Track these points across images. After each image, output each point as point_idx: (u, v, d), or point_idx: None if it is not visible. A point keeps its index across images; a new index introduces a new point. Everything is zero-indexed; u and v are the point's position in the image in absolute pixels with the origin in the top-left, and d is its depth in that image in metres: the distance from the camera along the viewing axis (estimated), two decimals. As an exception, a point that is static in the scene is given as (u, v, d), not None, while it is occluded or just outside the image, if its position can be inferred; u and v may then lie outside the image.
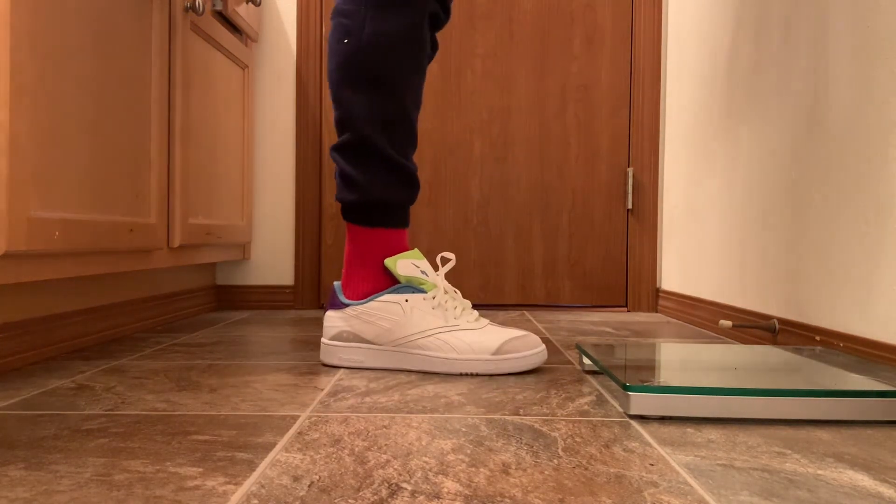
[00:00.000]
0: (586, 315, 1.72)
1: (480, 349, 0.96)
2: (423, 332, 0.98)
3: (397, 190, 1.02)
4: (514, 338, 0.97)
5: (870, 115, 0.94)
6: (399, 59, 1.00)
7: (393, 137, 1.01)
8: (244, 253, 1.76)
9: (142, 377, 0.91)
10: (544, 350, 0.99)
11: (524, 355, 0.97)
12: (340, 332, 1.01)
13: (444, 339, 0.97)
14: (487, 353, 0.96)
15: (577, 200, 1.85)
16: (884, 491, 0.53)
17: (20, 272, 0.86)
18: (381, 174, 1.01)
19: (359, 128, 1.00)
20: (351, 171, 1.01)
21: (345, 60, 1.00)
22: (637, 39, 1.83)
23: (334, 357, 1.01)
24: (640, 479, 0.55)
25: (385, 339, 0.99)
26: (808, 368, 0.83)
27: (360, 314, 1.00)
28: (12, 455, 0.59)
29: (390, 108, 1.00)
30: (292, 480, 0.54)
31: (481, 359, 0.96)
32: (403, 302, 0.99)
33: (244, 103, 1.69)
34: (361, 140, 1.00)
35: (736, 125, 1.35)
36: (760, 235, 1.24)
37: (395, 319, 0.98)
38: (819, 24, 1.06)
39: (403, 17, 0.99)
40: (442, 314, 0.98)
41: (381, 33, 0.98)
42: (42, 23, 0.87)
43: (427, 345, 0.97)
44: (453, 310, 0.99)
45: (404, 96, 1.01)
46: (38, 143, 0.87)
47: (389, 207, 1.02)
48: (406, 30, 0.99)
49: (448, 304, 0.99)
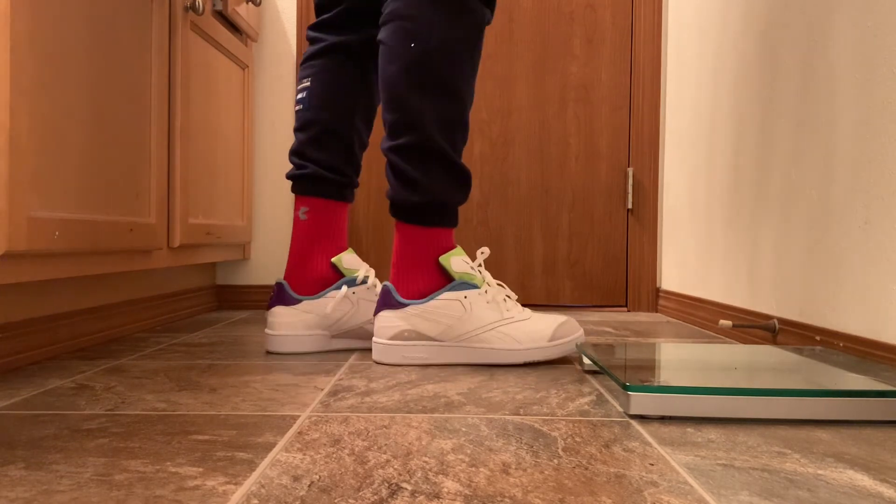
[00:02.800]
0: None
1: (539, 337, 1.03)
2: (485, 326, 1.03)
3: (457, 192, 1.06)
4: (562, 323, 1.05)
5: (870, 114, 0.94)
6: (463, 65, 1.03)
7: (454, 140, 1.04)
8: (244, 253, 1.76)
9: (142, 377, 0.91)
10: (583, 333, 1.08)
11: (572, 339, 1.05)
12: (402, 331, 1.03)
13: (504, 332, 1.02)
14: (545, 340, 1.03)
15: (577, 200, 1.85)
16: (884, 491, 0.53)
17: (20, 272, 0.86)
18: (443, 177, 1.04)
19: (425, 131, 1.02)
20: (413, 173, 1.03)
21: (411, 64, 1.01)
22: (637, 39, 1.83)
23: (397, 356, 1.03)
24: (640, 478, 0.55)
25: (449, 336, 1.02)
26: (808, 368, 0.83)
27: (422, 313, 1.02)
28: (12, 455, 0.59)
29: (454, 111, 1.04)
30: (292, 480, 0.54)
31: (541, 346, 1.03)
32: (463, 299, 1.03)
33: (244, 103, 1.69)
34: (428, 143, 1.02)
35: (736, 125, 1.35)
36: (760, 235, 1.24)
37: (457, 316, 1.02)
38: (819, 23, 1.06)
39: (469, 24, 1.03)
40: (497, 307, 1.04)
41: (449, 39, 1.01)
42: (42, 23, 0.87)
43: (489, 338, 1.02)
44: (503, 302, 1.05)
45: (465, 98, 1.05)
46: (38, 143, 0.87)
47: (448, 208, 1.06)
48: (471, 36, 1.03)
49: (499, 297, 1.05)
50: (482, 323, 1.02)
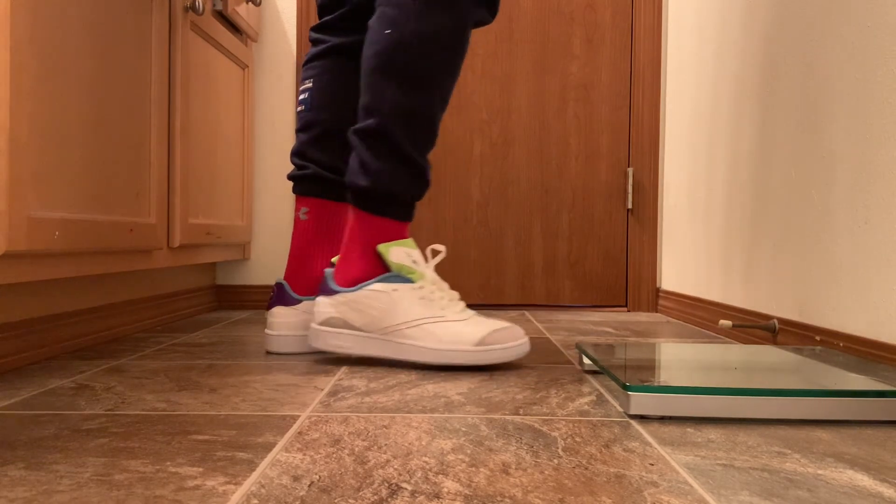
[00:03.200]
0: (586, 315, 1.72)
1: (464, 340, 0.97)
2: (410, 321, 0.99)
3: (408, 185, 1.03)
4: (497, 329, 0.98)
5: (870, 114, 0.94)
6: (436, 59, 1.01)
7: (413, 133, 1.02)
8: (244, 253, 1.76)
9: (142, 377, 0.91)
10: (527, 342, 1.00)
11: (507, 346, 0.98)
12: (330, 317, 1.02)
13: (429, 330, 0.98)
14: (470, 343, 0.97)
15: (577, 200, 1.85)
16: (884, 491, 0.53)
17: (20, 272, 0.86)
18: (396, 166, 1.02)
19: (384, 117, 1.01)
20: (366, 157, 1.02)
21: (383, 49, 1.01)
22: (637, 39, 1.83)
23: (321, 341, 1.02)
24: (640, 478, 0.55)
25: (373, 327, 1.00)
26: (808, 368, 0.83)
27: (350, 301, 1.01)
28: (12, 455, 0.59)
29: (417, 104, 1.02)
30: (292, 480, 0.54)
31: (465, 349, 0.97)
32: (392, 291, 1.00)
33: (244, 103, 1.69)
34: (384, 129, 1.01)
35: (736, 125, 1.35)
36: (760, 235, 1.24)
37: (384, 308, 0.99)
38: (818, 23, 1.06)
39: (449, 19, 1.01)
40: (428, 305, 1.00)
41: (425, 31, 1.00)
42: (42, 23, 0.87)
43: (413, 334, 0.98)
44: (440, 300, 1.00)
45: (433, 94, 1.03)
46: (38, 143, 0.87)
47: (397, 199, 1.03)
48: (449, 32, 1.01)
49: (435, 294, 1.00)
50: (408, 318, 0.99)
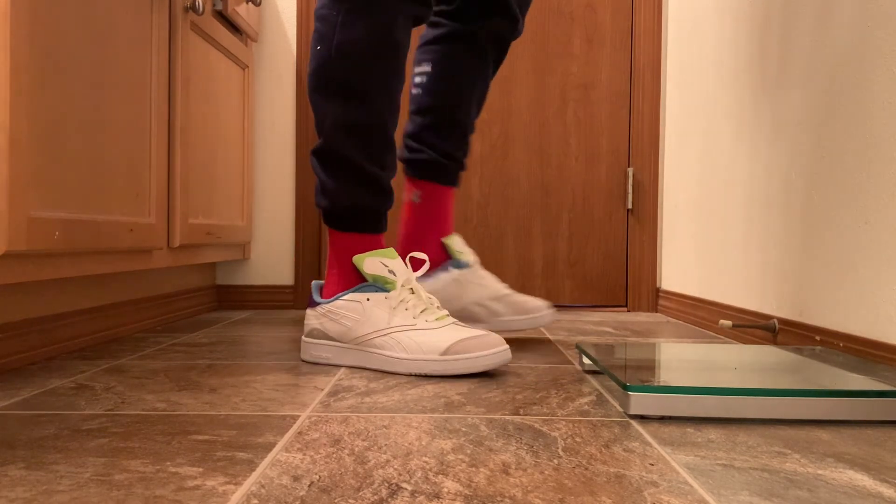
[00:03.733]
0: (586, 315, 1.72)
1: (429, 349, 0.94)
2: (380, 331, 0.97)
3: (365, 197, 1.02)
4: (468, 338, 0.94)
5: (870, 113, 0.94)
6: (369, 67, 0.99)
7: (362, 145, 1.01)
8: (244, 253, 1.76)
9: (142, 377, 0.91)
10: (506, 350, 0.95)
11: (476, 356, 0.93)
12: (312, 329, 1.03)
13: (397, 339, 0.96)
14: (436, 353, 0.93)
15: (577, 200, 1.85)
16: (884, 491, 0.53)
17: (20, 272, 0.86)
18: (351, 181, 1.01)
19: (328, 135, 1.01)
20: (322, 177, 1.03)
21: (317, 67, 1.01)
22: (637, 39, 1.83)
23: (306, 353, 1.04)
24: (640, 478, 0.55)
25: (347, 338, 1.00)
26: (808, 368, 0.83)
27: (328, 312, 1.01)
28: (12, 455, 0.59)
29: (361, 115, 1.00)
30: (292, 480, 0.54)
31: (429, 359, 0.93)
32: (365, 301, 0.99)
33: (244, 103, 1.69)
34: (330, 147, 1.01)
35: (736, 125, 1.35)
36: (760, 235, 1.24)
37: (356, 318, 0.99)
38: (819, 23, 1.06)
39: (372, 24, 0.98)
40: (401, 313, 0.97)
41: (348, 42, 0.98)
42: (42, 23, 0.87)
43: (382, 344, 0.97)
44: (413, 308, 0.98)
45: (375, 102, 1.00)
46: (38, 143, 0.87)
47: (359, 214, 1.03)
48: (376, 37, 0.99)
49: (410, 303, 0.98)
50: (377, 327, 0.97)
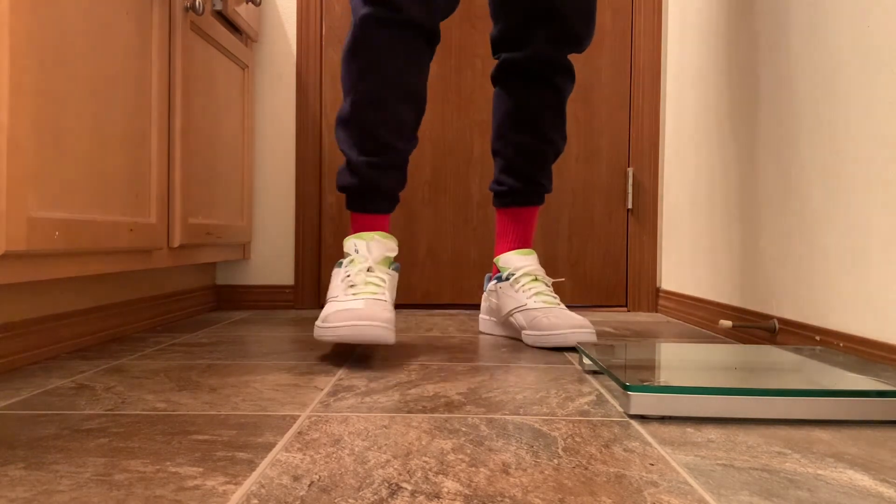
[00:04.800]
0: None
1: (320, 317, 1.02)
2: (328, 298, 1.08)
3: (346, 179, 1.15)
4: (342, 310, 0.97)
5: (871, 113, 0.94)
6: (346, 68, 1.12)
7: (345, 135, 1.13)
8: (244, 253, 1.76)
9: (142, 377, 0.91)
10: (370, 325, 0.92)
11: (334, 325, 0.95)
12: None
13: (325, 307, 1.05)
14: (320, 321, 1.01)
15: (577, 200, 1.85)
16: (884, 491, 0.53)
17: (20, 272, 0.86)
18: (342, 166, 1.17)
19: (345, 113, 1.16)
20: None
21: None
22: (637, 40, 1.83)
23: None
24: (640, 478, 0.55)
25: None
26: (808, 368, 0.83)
27: None
28: (12, 455, 0.59)
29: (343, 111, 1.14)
30: (292, 480, 0.54)
31: (316, 325, 1.01)
32: (334, 274, 1.10)
33: (244, 103, 1.69)
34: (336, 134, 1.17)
35: (736, 125, 1.35)
36: (760, 235, 1.24)
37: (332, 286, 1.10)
38: (819, 23, 1.06)
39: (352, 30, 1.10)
40: (338, 286, 1.06)
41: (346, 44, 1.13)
42: (42, 23, 0.87)
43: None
44: (344, 283, 1.05)
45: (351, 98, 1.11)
46: (38, 143, 0.87)
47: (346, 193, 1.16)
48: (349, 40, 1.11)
49: (353, 278, 1.05)
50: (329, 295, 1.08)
